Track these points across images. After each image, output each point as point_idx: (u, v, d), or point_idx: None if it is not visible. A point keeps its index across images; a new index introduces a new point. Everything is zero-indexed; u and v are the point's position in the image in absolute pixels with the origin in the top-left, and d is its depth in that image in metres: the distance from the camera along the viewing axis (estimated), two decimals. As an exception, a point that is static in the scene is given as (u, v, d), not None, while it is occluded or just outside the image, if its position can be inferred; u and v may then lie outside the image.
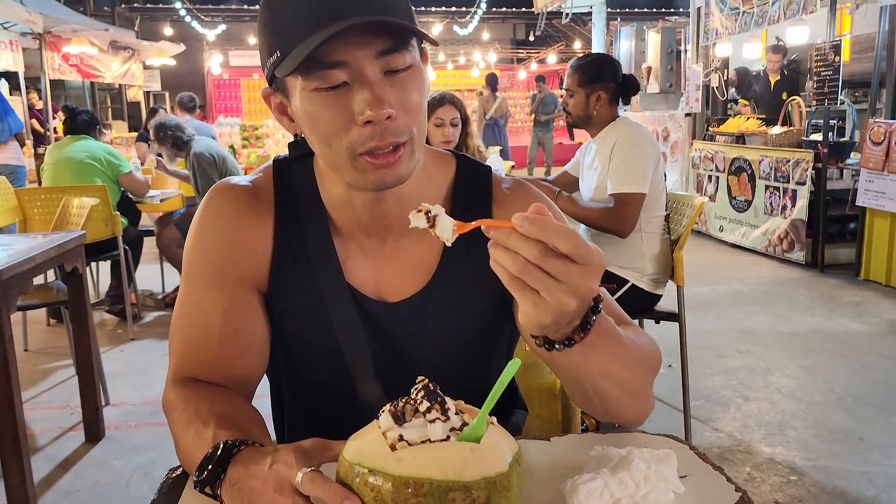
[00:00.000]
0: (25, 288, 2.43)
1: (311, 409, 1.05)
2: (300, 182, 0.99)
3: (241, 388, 0.96)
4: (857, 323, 4.23)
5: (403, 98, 0.83)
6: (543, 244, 0.65)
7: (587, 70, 2.75)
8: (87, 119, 4.49)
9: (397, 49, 0.82)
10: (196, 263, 0.97)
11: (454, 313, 0.98)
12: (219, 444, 0.78)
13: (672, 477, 0.81)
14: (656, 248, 2.72)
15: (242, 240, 0.97)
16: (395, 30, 0.81)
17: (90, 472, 2.68)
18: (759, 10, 6.09)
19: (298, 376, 1.04)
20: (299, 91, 0.83)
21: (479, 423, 0.68)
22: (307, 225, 0.98)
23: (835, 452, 2.68)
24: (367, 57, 0.81)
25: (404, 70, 0.83)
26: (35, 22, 7.53)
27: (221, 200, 0.98)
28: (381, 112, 0.80)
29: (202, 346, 0.95)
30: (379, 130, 0.81)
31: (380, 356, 0.97)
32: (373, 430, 0.69)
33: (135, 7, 16.58)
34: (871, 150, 4.90)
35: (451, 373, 0.89)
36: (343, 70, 0.81)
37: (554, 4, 9.57)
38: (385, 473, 0.64)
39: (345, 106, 0.82)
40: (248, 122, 15.60)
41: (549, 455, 0.91)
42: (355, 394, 0.97)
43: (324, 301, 0.96)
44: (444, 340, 0.98)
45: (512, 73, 18.08)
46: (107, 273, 4.82)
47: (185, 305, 0.97)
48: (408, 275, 0.98)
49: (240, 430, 0.83)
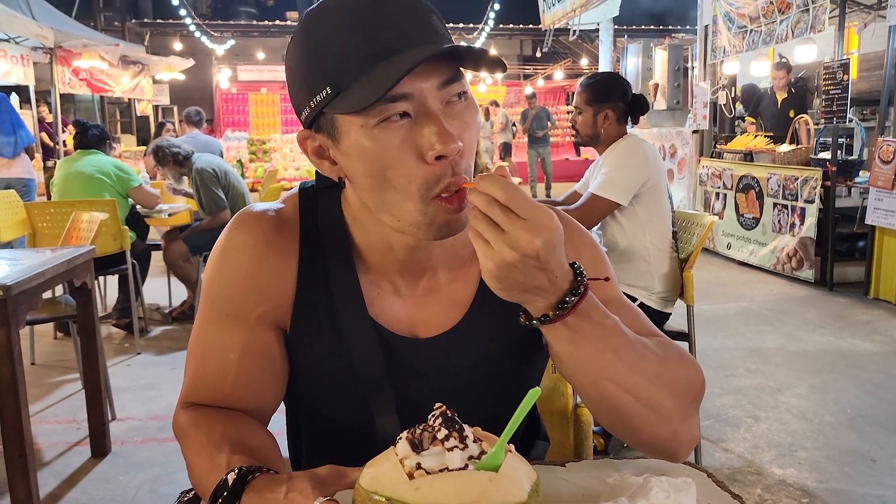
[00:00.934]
0: (35, 303, 2.43)
1: (328, 442, 1.02)
2: (327, 216, 0.95)
3: (255, 417, 0.95)
4: (868, 342, 4.20)
5: (463, 130, 0.81)
6: (488, 195, 0.72)
7: (596, 89, 2.76)
8: (98, 133, 4.52)
9: (458, 79, 0.79)
10: (215, 297, 0.94)
11: (488, 347, 0.96)
12: (233, 470, 0.76)
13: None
14: (665, 267, 2.72)
15: (265, 276, 0.93)
16: (453, 60, 0.78)
17: (96, 487, 2.67)
18: (766, 28, 6.10)
19: (316, 410, 1.01)
20: (357, 129, 0.79)
21: (498, 452, 0.67)
22: (333, 261, 0.94)
23: (847, 474, 2.65)
24: (431, 89, 0.78)
25: (462, 100, 0.81)
26: (46, 37, 7.60)
27: (246, 233, 0.94)
28: (452, 146, 0.77)
29: (215, 381, 0.93)
30: (450, 166, 0.78)
31: (404, 393, 0.94)
32: (390, 457, 0.68)
33: (145, 22, 16.76)
34: (879, 168, 4.89)
35: (476, 407, 0.85)
36: (406, 103, 0.77)
37: (561, 21, 9.61)
38: (403, 502, 0.63)
39: (413, 143, 0.78)
40: (256, 136, 15.72)
41: (565, 482, 0.90)
42: (373, 429, 0.94)
43: (346, 338, 0.93)
44: (475, 374, 0.96)
45: (518, 89, 18.16)
46: (114, 287, 4.83)
47: (201, 336, 0.95)
48: (442, 311, 0.96)
49: (254, 456, 0.81)
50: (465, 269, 0.98)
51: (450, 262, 0.96)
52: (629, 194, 2.65)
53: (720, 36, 6.84)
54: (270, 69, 17.58)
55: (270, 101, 17.12)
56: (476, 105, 0.84)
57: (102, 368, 2.96)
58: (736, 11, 6.51)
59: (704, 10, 7.18)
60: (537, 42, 18.48)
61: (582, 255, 0.95)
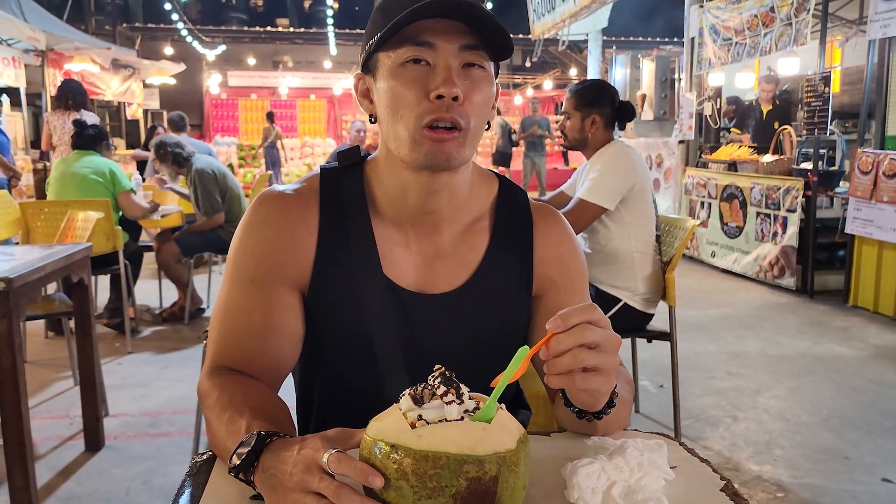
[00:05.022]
0: (34, 297, 2.49)
1: (339, 406, 1.11)
2: (348, 185, 1.08)
3: (272, 378, 1.03)
4: (845, 347, 4.31)
5: (471, 90, 0.95)
6: (577, 328, 0.79)
7: (584, 94, 2.86)
8: (94, 134, 4.56)
9: (477, 48, 0.95)
10: (239, 264, 1.04)
11: (492, 308, 1.08)
12: (253, 433, 0.84)
13: (663, 465, 0.87)
14: (648, 269, 2.81)
15: (286, 243, 1.04)
16: (479, 34, 0.94)
17: (91, 479, 2.72)
18: (751, 41, 6.25)
19: (330, 372, 1.10)
20: (388, 68, 0.96)
21: (491, 406, 0.75)
22: (351, 222, 1.05)
23: (820, 471, 2.75)
24: (451, 47, 0.94)
25: (479, 68, 0.96)
26: (38, 39, 7.64)
27: (268, 207, 1.05)
28: (451, 90, 0.92)
29: (239, 341, 1.02)
30: (444, 106, 0.93)
31: (411, 349, 1.04)
32: (394, 412, 0.76)
33: (136, 27, 16.78)
34: (859, 179, 5.02)
35: (475, 366, 0.95)
36: (429, 50, 0.93)
37: (551, 32, 9.75)
38: (406, 448, 0.70)
39: (423, 82, 0.94)
40: (245, 141, 15.75)
41: (551, 448, 0.98)
42: (383, 389, 1.02)
43: (360, 293, 1.04)
44: (477, 333, 1.07)
45: (508, 98, 18.31)
46: (105, 287, 4.86)
47: (226, 303, 1.04)
48: (450, 271, 1.07)
49: (271, 422, 0.89)
50: (471, 235, 1.09)
51: (457, 225, 1.08)
52: (616, 199, 2.74)
53: (706, 48, 6.99)
54: (261, 75, 17.64)
55: (260, 106, 17.15)
56: (492, 81, 0.99)
57: (97, 363, 3.01)
58: (721, 24, 6.66)
59: (691, 22, 7.32)
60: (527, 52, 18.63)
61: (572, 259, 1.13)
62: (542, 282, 1.11)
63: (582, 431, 1.00)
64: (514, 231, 1.11)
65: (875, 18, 4.95)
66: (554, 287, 1.11)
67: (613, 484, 0.83)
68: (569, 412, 0.93)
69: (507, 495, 0.72)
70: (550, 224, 1.14)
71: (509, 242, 1.10)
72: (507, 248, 1.10)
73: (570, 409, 0.92)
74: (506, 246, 1.10)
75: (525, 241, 1.11)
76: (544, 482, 0.87)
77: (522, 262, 1.11)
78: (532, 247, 1.11)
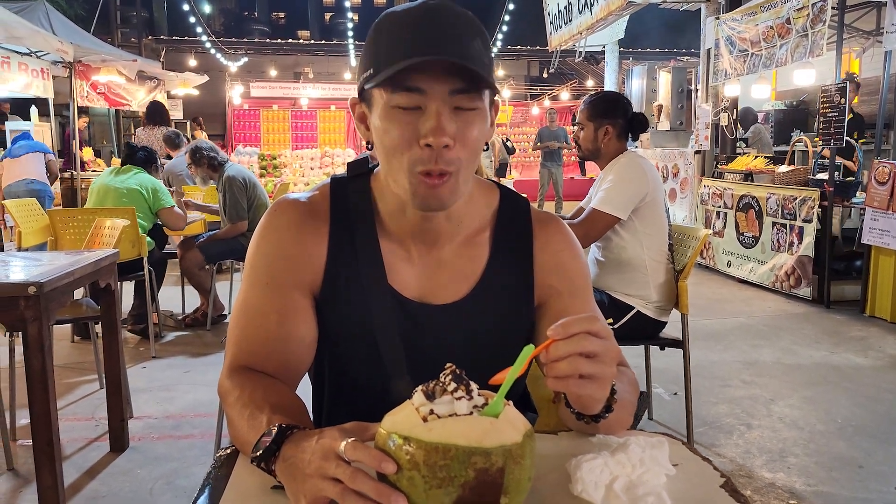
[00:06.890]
0: (64, 301, 2.57)
1: (348, 404, 1.17)
2: (356, 195, 1.13)
3: (289, 376, 1.09)
4: (861, 357, 4.31)
5: (464, 129, 0.97)
6: (575, 336, 0.83)
7: (597, 105, 2.92)
8: (144, 156, 4.77)
9: (468, 92, 0.96)
10: (256, 269, 1.11)
11: (494, 319, 1.12)
12: (274, 426, 0.89)
13: (665, 461, 0.92)
14: (661, 277, 2.85)
15: (300, 249, 1.10)
16: (470, 75, 0.95)
17: (115, 480, 2.80)
18: (767, 52, 6.26)
19: (340, 373, 1.16)
20: (381, 106, 0.98)
21: (498, 402, 0.80)
22: (359, 233, 1.11)
23: (834, 479, 2.76)
24: (442, 91, 0.95)
25: (470, 110, 0.97)
26: (66, 51, 7.82)
27: (282, 214, 1.12)
28: (440, 139, 0.94)
29: (258, 342, 1.08)
30: (434, 155, 0.96)
31: (414, 355, 1.09)
32: (407, 407, 0.82)
33: (161, 39, 17.06)
34: (876, 189, 5.02)
35: (477, 374, 0.97)
36: (420, 96, 0.95)
37: (568, 43, 9.81)
38: (418, 440, 0.76)
39: (413, 127, 0.96)
40: (267, 151, 15.91)
41: (557, 445, 1.03)
42: (388, 390, 1.08)
43: (367, 302, 1.09)
44: (478, 344, 1.11)
45: (525, 109, 18.37)
46: (130, 293, 4.97)
47: (244, 306, 1.11)
48: (451, 283, 1.12)
49: (289, 417, 0.95)
50: (471, 247, 1.14)
51: (457, 238, 1.12)
52: (628, 208, 2.79)
53: (722, 59, 7.01)
54: (282, 86, 17.81)
55: (281, 117, 17.31)
56: (485, 116, 1.01)
57: (122, 366, 3.10)
58: (737, 35, 6.68)
59: (707, 33, 7.35)
60: (544, 63, 18.74)
61: (574, 267, 1.16)
62: (545, 290, 1.15)
63: (584, 431, 1.04)
64: (514, 241, 1.15)
65: (891, 29, 4.97)
66: (557, 295, 1.14)
67: (616, 478, 0.88)
68: (570, 412, 0.98)
69: (512, 486, 0.77)
70: (551, 232, 1.17)
71: (510, 253, 1.14)
72: (507, 259, 1.14)
73: (570, 410, 0.97)
74: (506, 256, 1.14)
75: (525, 250, 1.15)
76: (550, 476, 0.92)
77: (523, 272, 1.14)
78: (532, 256, 1.15)
